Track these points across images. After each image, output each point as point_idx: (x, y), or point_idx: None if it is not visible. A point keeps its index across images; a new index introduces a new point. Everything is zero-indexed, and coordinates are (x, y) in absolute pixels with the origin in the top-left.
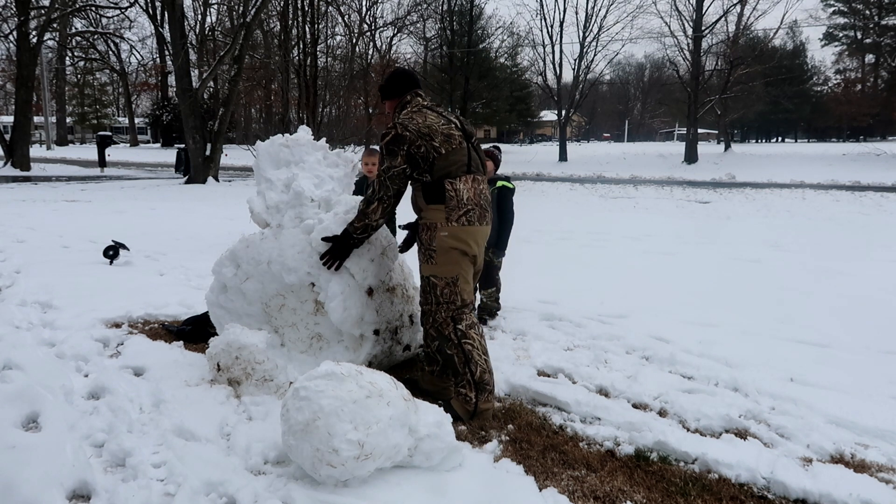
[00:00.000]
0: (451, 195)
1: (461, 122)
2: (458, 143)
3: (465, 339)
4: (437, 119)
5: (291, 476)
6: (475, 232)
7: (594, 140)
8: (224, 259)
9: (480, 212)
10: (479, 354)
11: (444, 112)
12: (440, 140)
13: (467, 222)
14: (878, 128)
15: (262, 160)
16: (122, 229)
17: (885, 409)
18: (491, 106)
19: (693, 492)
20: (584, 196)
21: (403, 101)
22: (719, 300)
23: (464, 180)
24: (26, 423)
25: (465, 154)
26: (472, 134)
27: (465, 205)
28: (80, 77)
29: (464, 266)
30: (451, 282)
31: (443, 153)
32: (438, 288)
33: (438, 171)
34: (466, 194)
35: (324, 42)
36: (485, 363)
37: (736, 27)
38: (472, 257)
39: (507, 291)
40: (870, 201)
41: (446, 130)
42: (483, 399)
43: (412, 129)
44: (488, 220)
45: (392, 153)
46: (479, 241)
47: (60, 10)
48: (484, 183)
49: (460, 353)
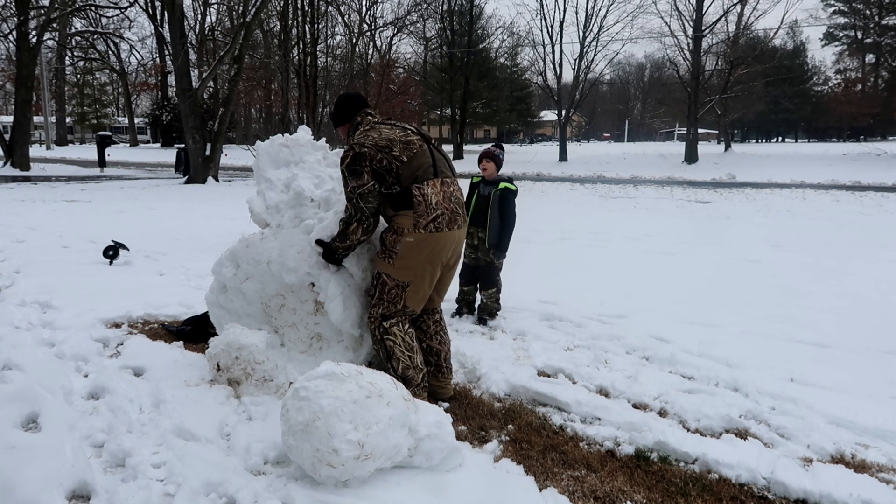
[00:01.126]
0: (418, 200)
1: (416, 128)
2: (418, 148)
3: (387, 336)
4: (391, 130)
5: (291, 476)
6: (444, 238)
7: (594, 140)
8: (224, 259)
9: (451, 216)
10: (401, 351)
11: (396, 123)
12: (399, 149)
13: (435, 229)
14: (879, 128)
15: (262, 160)
16: (122, 229)
17: (885, 409)
18: (491, 106)
19: (693, 492)
20: (584, 196)
21: (354, 123)
22: (719, 300)
23: (432, 184)
24: (26, 424)
25: (427, 157)
26: (430, 138)
27: (434, 209)
28: (79, 77)
29: (419, 276)
30: (401, 285)
31: (405, 160)
32: (387, 286)
33: (406, 180)
34: (435, 198)
35: (324, 42)
36: (408, 359)
37: (736, 27)
38: (439, 265)
39: (507, 291)
40: (870, 201)
41: (403, 138)
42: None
43: (369, 144)
44: (460, 222)
45: (355, 173)
46: (448, 247)
47: (60, 9)
48: (454, 185)
49: (382, 349)
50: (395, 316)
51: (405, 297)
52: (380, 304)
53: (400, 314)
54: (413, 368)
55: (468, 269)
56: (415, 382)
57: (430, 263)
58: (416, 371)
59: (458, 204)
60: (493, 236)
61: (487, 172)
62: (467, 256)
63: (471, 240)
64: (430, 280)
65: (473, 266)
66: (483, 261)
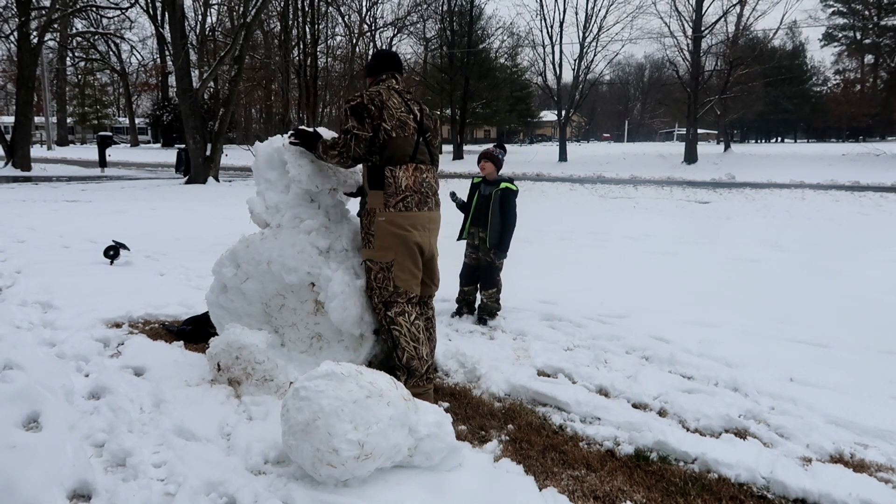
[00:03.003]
0: (389, 181)
1: (422, 114)
2: (409, 133)
3: (393, 326)
4: (399, 104)
5: (291, 476)
6: (413, 217)
7: (594, 140)
8: (224, 259)
9: (420, 198)
10: (406, 341)
11: (409, 100)
12: (393, 124)
13: (404, 208)
14: (878, 128)
15: (262, 161)
16: (123, 229)
17: (884, 409)
18: (491, 106)
19: (693, 492)
20: (584, 196)
21: (378, 79)
22: (719, 300)
23: (404, 168)
24: (27, 423)
25: (412, 145)
26: (429, 129)
27: (403, 191)
28: (80, 77)
29: (401, 252)
30: (384, 266)
31: (392, 136)
32: (373, 272)
33: (385, 155)
34: (405, 182)
35: (324, 42)
36: (413, 350)
37: (735, 27)
38: (415, 244)
39: (507, 291)
40: (869, 201)
41: (403, 117)
42: (412, 383)
43: (376, 103)
44: (431, 205)
45: (358, 117)
46: (420, 226)
47: (61, 10)
48: (428, 172)
49: (389, 338)
50: (396, 303)
51: (392, 278)
52: (374, 292)
53: (394, 296)
54: (418, 359)
55: (469, 268)
56: (418, 373)
57: (405, 240)
58: (420, 362)
59: (430, 188)
60: (493, 236)
61: (486, 172)
62: (468, 256)
63: (471, 240)
64: (412, 258)
65: (474, 266)
66: (484, 261)
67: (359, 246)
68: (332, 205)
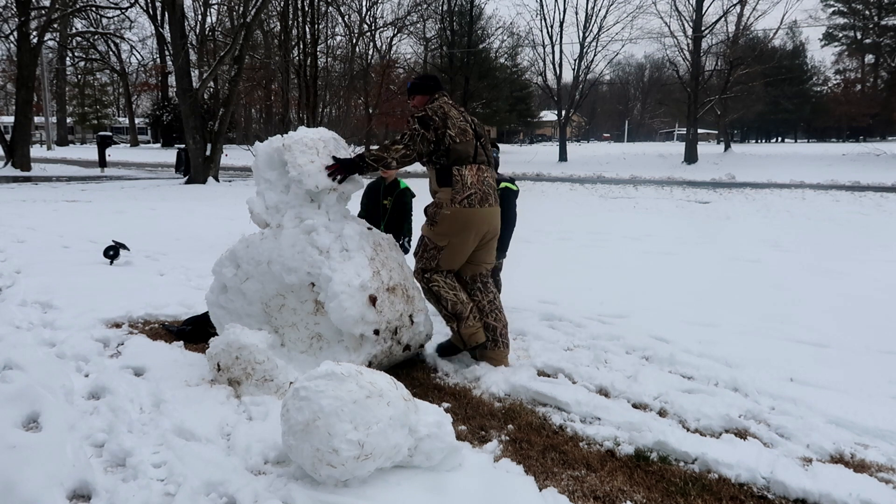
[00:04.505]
0: (457, 179)
1: (475, 123)
2: (469, 139)
3: (432, 283)
4: (458, 115)
5: (291, 476)
6: (475, 213)
7: (594, 140)
8: (224, 259)
9: (482, 195)
10: (446, 291)
11: (463, 112)
12: (456, 132)
13: (468, 204)
14: (878, 128)
15: (262, 161)
16: (123, 229)
17: (884, 409)
18: (491, 106)
19: (693, 492)
20: (584, 196)
21: (432, 98)
22: (719, 300)
23: (469, 168)
24: (27, 423)
25: (472, 149)
26: (483, 135)
27: (469, 188)
28: (80, 77)
29: (454, 243)
30: (438, 247)
31: (457, 142)
32: (427, 247)
33: (451, 158)
34: (470, 179)
35: (324, 42)
36: (454, 296)
37: (736, 27)
38: (474, 235)
39: (507, 291)
40: (869, 201)
41: (462, 126)
42: (464, 325)
43: (440, 115)
44: (492, 202)
45: (424, 125)
46: (481, 221)
47: (61, 10)
48: (489, 171)
49: (430, 295)
50: (435, 270)
51: (439, 258)
52: (420, 260)
53: (434, 270)
54: (461, 304)
55: None
56: (464, 315)
57: (464, 233)
58: (464, 305)
59: (490, 187)
60: None
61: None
62: None
63: None
64: (462, 248)
65: None
66: None
67: (369, 258)
68: (333, 205)
